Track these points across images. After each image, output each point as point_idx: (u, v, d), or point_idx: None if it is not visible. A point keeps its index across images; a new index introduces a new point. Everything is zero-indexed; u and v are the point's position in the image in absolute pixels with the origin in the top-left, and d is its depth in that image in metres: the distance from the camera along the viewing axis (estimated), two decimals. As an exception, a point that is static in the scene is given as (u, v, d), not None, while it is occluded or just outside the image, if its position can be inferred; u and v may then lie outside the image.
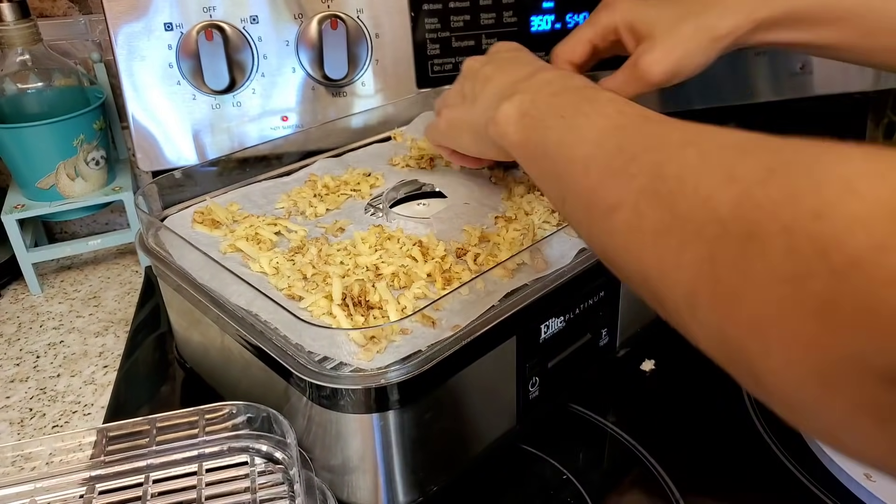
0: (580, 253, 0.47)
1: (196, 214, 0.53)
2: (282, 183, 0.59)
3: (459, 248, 0.47)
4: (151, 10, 0.63)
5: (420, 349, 0.39)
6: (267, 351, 0.40)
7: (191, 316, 0.50)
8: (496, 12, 0.70)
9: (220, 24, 0.64)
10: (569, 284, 0.46)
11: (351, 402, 0.39)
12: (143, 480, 0.42)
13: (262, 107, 0.68)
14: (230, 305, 0.44)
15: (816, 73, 0.77)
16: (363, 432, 0.40)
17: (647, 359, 0.56)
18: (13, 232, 0.67)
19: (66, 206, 0.69)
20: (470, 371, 0.42)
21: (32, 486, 0.42)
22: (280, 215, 0.54)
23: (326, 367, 0.39)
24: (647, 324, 0.57)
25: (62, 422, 0.55)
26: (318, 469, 0.42)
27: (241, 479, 0.42)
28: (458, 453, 0.45)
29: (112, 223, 0.82)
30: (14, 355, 0.62)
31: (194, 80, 0.66)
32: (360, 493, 0.42)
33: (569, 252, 0.46)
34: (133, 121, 0.67)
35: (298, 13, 0.66)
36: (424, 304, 0.41)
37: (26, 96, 0.68)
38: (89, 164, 0.69)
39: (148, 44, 0.64)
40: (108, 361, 0.61)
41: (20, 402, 0.57)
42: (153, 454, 0.43)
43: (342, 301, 0.42)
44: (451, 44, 0.70)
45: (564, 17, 0.71)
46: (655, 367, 0.55)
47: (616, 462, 0.48)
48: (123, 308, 0.68)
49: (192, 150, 0.68)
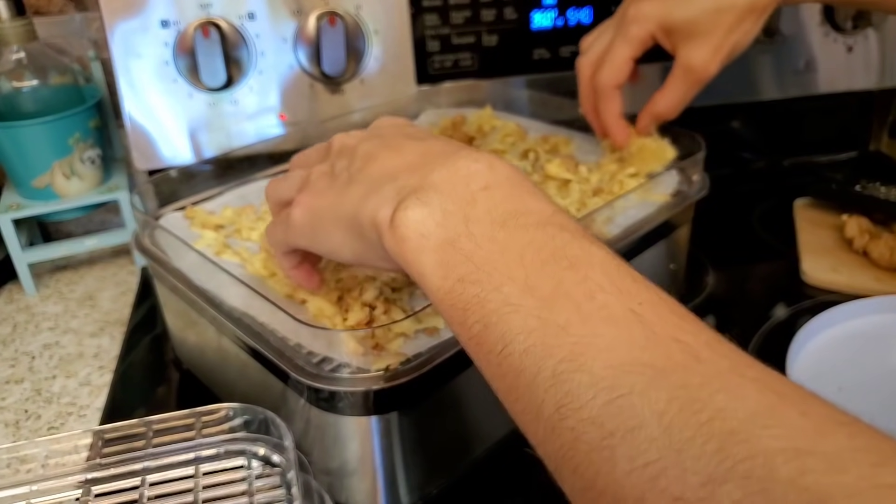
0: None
1: (188, 211, 0.53)
2: (280, 182, 0.59)
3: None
4: (148, 6, 0.63)
5: (420, 351, 0.38)
6: (264, 353, 0.40)
7: (187, 317, 0.50)
8: (497, 8, 0.69)
9: (217, 20, 0.64)
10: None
11: (349, 405, 0.38)
12: (140, 483, 0.42)
13: (260, 104, 0.68)
14: (227, 306, 0.43)
15: (821, 70, 0.77)
16: (362, 435, 0.39)
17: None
18: (8, 232, 0.67)
19: (61, 206, 0.68)
20: (470, 373, 0.41)
21: (28, 488, 0.42)
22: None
23: (325, 369, 0.38)
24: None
25: (58, 424, 0.54)
26: (316, 472, 0.42)
27: (238, 483, 0.42)
28: (459, 456, 0.45)
29: (108, 223, 0.81)
30: (9, 356, 0.62)
31: (191, 78, 0.65)
32: (358, 496, 0.42)
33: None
34: (129, 119, 0.66)
35: (296, 10, 0.65)
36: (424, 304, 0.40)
37: (21, 94, 0.67)
38: (85, 163, 0.68)
39: (144, 41, 0.64)
40: (103, 363, 0.60)
41: (15, 403, 0.56)
42: (149, 456, 0.43)
43: (341, 302, 0.41)
44: (451, 41, 0.70)
45: (566, 12, 0.70)
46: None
47: (619, 464, 0.48)
48: (119, 309, 0.67)
49: (189, 149, 0.68)
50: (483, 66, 0.71)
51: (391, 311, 0.41)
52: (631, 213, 0.50)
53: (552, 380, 0.21)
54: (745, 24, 0.45)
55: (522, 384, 0.22)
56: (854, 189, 0.67)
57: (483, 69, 0.71)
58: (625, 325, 0.21)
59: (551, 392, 0.21)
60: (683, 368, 0.19)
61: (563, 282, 0.22)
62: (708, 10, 0.45)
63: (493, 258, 0.24)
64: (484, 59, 0.71)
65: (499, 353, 0.22)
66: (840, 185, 0.70)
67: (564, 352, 0.21)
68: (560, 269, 0.23)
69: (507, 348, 0.22)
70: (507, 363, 0.22)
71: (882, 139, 0.89)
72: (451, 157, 0.27)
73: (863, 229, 0.62)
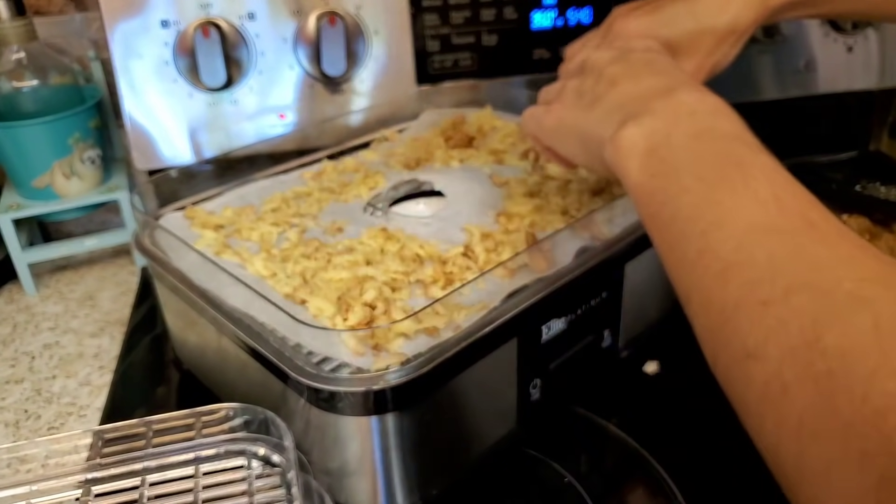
0: (582, 252, 0.46)
1: (188, 211, 0.53)
2: (279, 182, 0.59)
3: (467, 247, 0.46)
4: (148, 7, 0.63)
5: (420, 351, 0.38)
6: (264, 353, 0.40)
7: (187, 317, 0.50)
8: (497, 8, 0.69)
9: (217, 20, 0.64)
10: (571, 284, 0.45)
11: (349, 405, 0.38)
12: (140, 483, 0.42)
13: (260, 104, 0.68)
14: (227, 306, 0.43)
15: (821, 70, 0.77)
16: (362, 435, 0.39)
17: (651, 360, 0.55)
18: (8, 232, 0.67)
19: (61, 206, 0.68)
20: (470, 373, 0.41)
21: (28, 488, 0.42)
22: (277, 215, 0.53)
23: (324, 369, 0.38)
24: (650, 325, 0.56)
25: (58, 424, 0.54)
26: (316, 472, 0.42)
27: (238, 483, 0.42)
28: (459, 456, 0.45)
29: (108, 223, 0.81)
30: (9, 356, 0.62)
31: (191, 78, 0.65)
32: (358, 496, 0.42)
33: (570, 252, 0.46)
34: (129, 119, 0.66)
35: (296, 9, 0.65)
36: (424, 304, 0.40)
37: (21, 94, 0.67)
38: (85, 163, 0.68)
39: (144, 41, 0.64)
40: (104, 363, 0.60)
41: (15, 403, 0.56)
42: (149, 456, 0.43)
43: (341, 301, 0.41)
44: (451, 40, 0.70)
45: (566, 12, 0.70)
46: (659, 369, 0.55)
47: (619, 465, 0.48)
48: (119, 309, 0.68)
49: (189, 149, 0.68)
50: (483, 65, 0.71)
51: (391, 311, 0.41)
52: (630, 214, 0.50)
53: (700, 235, 0.27)
54: (724, 45, 0.47)
55: (679, 238, 0.29)
56: (854, 189, 0.68)
57: (483, 69, 0.71)
58: (765, 205, 0.27)
59: (696, 242, 0.27)
60: (800, 232, 0.25)
61: (728, 175, 0.28)
62: (690, 31, 0.47)
63: (680, 160, 0.30)
64: (484, 59, 0.71)
65: (667, 221, 0.30)
66: (840, 185, 0.70)
67: (713, 217, 0.27)
68: (729, 166, 0.29)
69: (674, 217, 0.29)
70: (674, 227, 0.29)
71: (882, 139, 0.89)
72: (673, 91, 0.34)
73: (863, 229, 0.62)
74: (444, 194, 0.55)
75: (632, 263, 0.51)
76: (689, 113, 0.32)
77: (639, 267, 0.51)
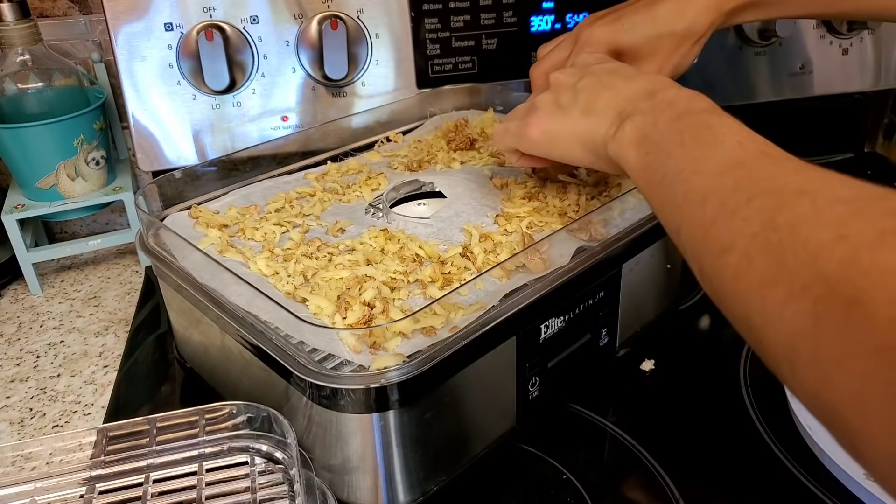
0: (579, 253, 0.47)
1: (193, 210, 0.53)
2: (282, 183, 0.59)
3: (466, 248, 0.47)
4: (152, 10, 0.63)
5: (420, 349, 0.39)
6: (267, 351, 0.40)
7: (191, 316, 0.50)
8: (496, 12, 0.70)
9: (221, 24, 0.64)
10: (569, 284, 0.46)
11: (351, 402, 0.39)
12: (144, 480, 0.42)
13: (263, 107, 0.68)
14: (230, 305, 0.44)
15: (816, 72, 0.77)
16: (363, 432, 0.40)
17: (647, 359, 0.56)
18: (13, 232, 0.67)
19: (66, 206, 0.69)
20: (470, 371, 0.42)
21: (32, 485, 0.42)
22: (280, 215, 0.54)
23: (326, 366, 0.39)
24: (646, 324, 0.57)
25: (62, 422, 0.55)
26: (318, 469, 0.42)
27: (241, 479, 0.42)
28: (458, 453, 0.45)
29: (112, 223, 0.82)
30: (14, 355, 0.62)
31: (194, 81, 0.66)
32: (360, 492, 0.42)
33: (568, 252, 0.46)
34: (133, 121, 0.67)
35: (298, 13, 0.66)
36: (424, 304, 0.41)
37: (26, 96, 0.68)
38: (89, 164, 0.69)
39: (148, 44, 0.64)
40: (108, 361, 0.61)
41: (20, 401, 0.57)
42: (153, 454, 0.43)
43: (340, 301, 0.42)
44: (452, 44, 0.70)
45: (564, 17, 0.71)
46: (655, 367, 0.55)
47: (616, 462, 0.48)
48: (124, 308, 0.68)
49: (193, 150, 0.68)
50: (483, 69, 0.72)
51: (389, 310, 0.41)
52: (628, 215, 0.51)
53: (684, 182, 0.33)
54: (683, 48, 0.52)
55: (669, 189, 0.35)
56: (850, 190, 0.68)
57: (483, 72, 0.72)
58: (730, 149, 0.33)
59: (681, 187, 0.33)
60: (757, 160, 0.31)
61: (702, 136, 0.34)
62: (650, 37, 0.51)
63: (666, 138, 0.36)
64: (484, 63, 0.72)
65: (658, 182, 0.36)
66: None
67: (692, 167, 0.33)
68: (702, 130, 0.35)
69: (664, 176, 0.35)
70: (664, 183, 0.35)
71: (877, 140, 0.90)
72: (655, 93, 0.39)
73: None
74: (444, 195, 0.55)
75: (629, 264, 0.51)
76: (669, 104, 0.38)
77: (635, 267, 0.52)
